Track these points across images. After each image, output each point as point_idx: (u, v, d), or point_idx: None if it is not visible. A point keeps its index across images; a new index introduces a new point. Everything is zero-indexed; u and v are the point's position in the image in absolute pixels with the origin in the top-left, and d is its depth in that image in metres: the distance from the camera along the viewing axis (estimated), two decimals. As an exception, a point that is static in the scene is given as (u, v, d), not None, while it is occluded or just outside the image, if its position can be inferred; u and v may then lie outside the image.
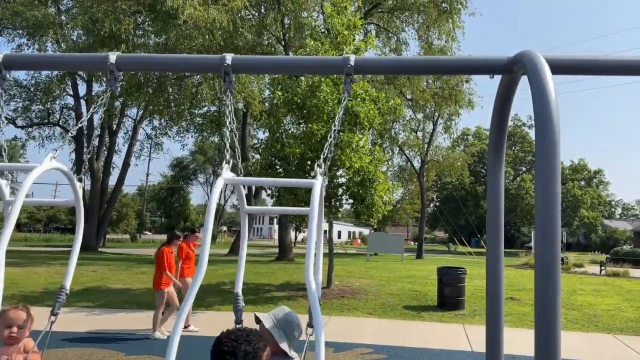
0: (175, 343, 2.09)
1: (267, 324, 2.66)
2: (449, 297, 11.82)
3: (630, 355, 7.90)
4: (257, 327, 2.63)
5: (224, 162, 2.63)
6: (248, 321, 3.40)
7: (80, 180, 2.67)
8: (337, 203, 13.37)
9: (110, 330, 8.50)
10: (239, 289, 2.91)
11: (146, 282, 14.90)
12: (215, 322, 9.27)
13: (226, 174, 2.54)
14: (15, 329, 2.78)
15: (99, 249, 31.00)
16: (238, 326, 2.31)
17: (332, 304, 11.96)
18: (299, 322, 2.76)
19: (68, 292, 2.69)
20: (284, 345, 2.63)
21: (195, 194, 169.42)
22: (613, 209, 78.51)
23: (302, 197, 12.57)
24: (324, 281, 14.44)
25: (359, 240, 71.58)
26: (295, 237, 60.26)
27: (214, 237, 55.86)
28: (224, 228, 78.12)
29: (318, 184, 2.49)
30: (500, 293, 3.03)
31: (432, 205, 62.26)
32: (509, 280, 17.47)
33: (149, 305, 11.18)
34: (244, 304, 2.91)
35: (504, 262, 3.13)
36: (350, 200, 13.81)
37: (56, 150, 2.36)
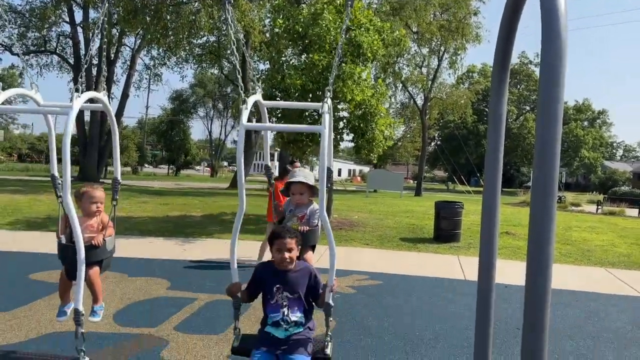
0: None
1: (299, 178, 3.86)
2: (445, 230, 12.00)
3: (620, 287, 8.10)
4: None
5: (241, 104, 3.00)
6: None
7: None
8: (338, 137, 13.27)
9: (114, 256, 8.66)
10: (268, 161, 3.73)
11: (148, 211, 15.10)
12: (213, 250, 9.46)
13: (245, 118, 2.92)
14: (100, 205, 3.50)
15: (100, 180, 31.20)
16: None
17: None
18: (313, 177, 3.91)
19: (120, 181, 3.67)
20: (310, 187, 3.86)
21: (196, 129, 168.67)
22: (614, 151, 78.40)
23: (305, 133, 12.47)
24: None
25: (358, 178, 71.96)
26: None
27: (214, 172, 56.22)
28: (225, 163, 78.36)
29: (326, 106, 2.96)
30: (495, 224, 3.03)
31: (433, 144, 62.07)
32: (505, 217, 17.69)
33: (150, 233, 11.38)
34: (273, 171, 3.44)
35: (500, 191, 3.09)
36: (351, 135, 13.73)
37: (78, 90, 2.89)
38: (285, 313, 2.96)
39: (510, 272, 8.32)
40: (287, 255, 2.92)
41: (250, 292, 3.12)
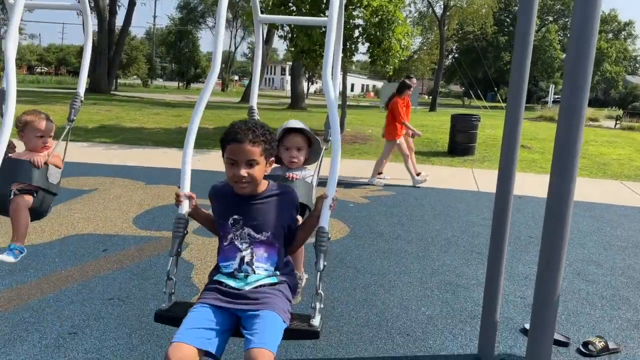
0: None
1: (299, 125, 2.83)
2: (460, 143, 11.89)
3: (635, 199, 8.09)
4: None
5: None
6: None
7: None
8: (353, 46, 12.84)
9: (128, 164, 8.77)
10: (253, 102, 2.92)
11: (160, 122, 15.12)
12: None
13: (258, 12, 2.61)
14: (48, 140, 2.88)
15: (111, 92, 31.02)
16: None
17: (344, 149, 12.13)
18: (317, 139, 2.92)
19: (82, 99, 2.85)
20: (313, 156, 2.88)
21: (205, 40, 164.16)
22: (638, 65, 75.49)
23: (317, 38, 12.05)
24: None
25: (372, 94, 70.78)
26: (308, 89, 59.60)
27: (224, 86, 55.46)
28: (235, 77, 77.14)
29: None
30: (516, 137, 2.95)
31: (450, 57, 60.10)
32: (522, 130, 17.41)
33: (164, 143, 11.45)
34: (258, 115, 3.01)
35: (524, 105, 2.97)
36: (366, 44, 13.26)
37: None
38: (246, 260, 2.02)
39: (525, 184, 8.33)
40: (244, 172, 1.96)
41: (204, 214, 2.26)
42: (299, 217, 2.38)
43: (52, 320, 3.25)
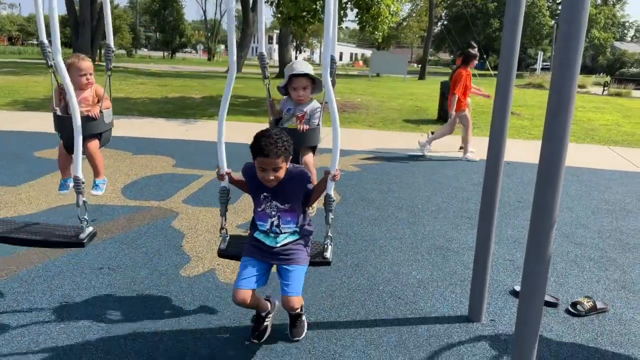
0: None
1: (304, 69, 3.32)
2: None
3: (622, 163, 8.16)
4: None
5: None
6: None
7: None
8: (341, 12, 12.63)
9: (114, 134, 8.62)
10: (263, 49, 3.19)
11: (146, 92, 14.87)
12: (216, 131, 9.41)
13: None
14: (90, 76, 3.39)
15: (96, 63, 30.40)
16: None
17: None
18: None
19: (114, 49, 3.28)
20: (319, 82, 3.30)
21: (189, 8, 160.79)
22: (626, 31, 75.29)
23: (304, 4, 11.82)
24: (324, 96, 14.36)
25: (360, 62, 70.03)
26: (296, 57, 58.77)
27: (211, 55, 54.58)
28: (222, 46, 75.84)
29: None
30: (507, 107, 2.92)
31: (439, 24, 59.46)
32: (514, 98, 17.41)
33: (150, 113, 11.27)
34: (268, 61, 3.29)
35: (515, 73, 2.93)
36: (355, 10, 13.04)
37: None
38: (275, 224, 2.64)
39: (514, 150, 8.35)
40: (272, 176, 2.47)
41: (244, 183, 2.78)
42: (311, 156, 3.46)
43: (42, 290, 3.23)
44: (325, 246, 2.83)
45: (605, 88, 24.78)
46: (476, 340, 2.88)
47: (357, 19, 12.98)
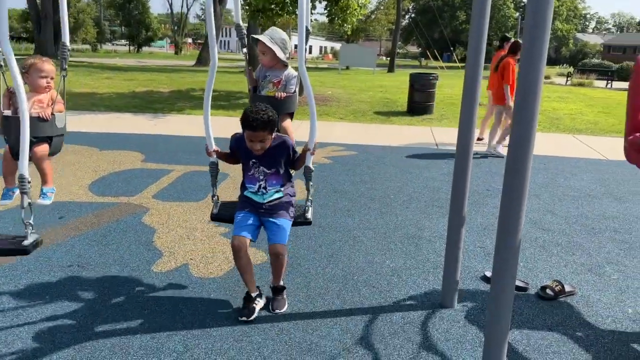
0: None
1: (266, 41, 3.27)
2: (418, 102, 11.96)
3: (586, 151, 8.40)
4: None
5: None
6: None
7: None
8: (310, 4, 12.56)
9: (80, 130, 8.42)
10: (239, 19, 3.18)
11: (112, 87, 14.53)
12: (188, 125, 9.28)
13: None
14: (50, 80, 3.18)
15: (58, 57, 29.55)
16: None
17: (305, 110, 11.98)
18: (284, 35, 3.40)
19: (69, 48, 3.10)
20: (282, 55, 3.31)
21: (155, 1, 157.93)
22: (587, 23, 77.33)
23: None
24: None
25: (330, 56, 69.90)
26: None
27: (177, 49, 53.71)
28: (189, 40, 74.76)
29: None
30: (476, 96, 2.96)
31: (407, 17, 59.86)
32: (483, 90, 17.69)
33: (117, 108, 11.03)
34: (246, 32, 3.24)
35: (482, 64, 2.97)
36: (324, 3, 13.00)
37: None
38: (262, 186, 2.96)
39: (486, 140, 8.49)
40: (259, 146, 2.82)
41: (229, 155, 3.11)
42: (290, 122, 3.54)
43: (9, 289, 3.14)
44: (307, 208, 3.15)
45: (569, 78, 25.41)
46: (449, 325, 2.93)
47: (326, 11, 12.96)
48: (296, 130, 3.45)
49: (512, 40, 8.20)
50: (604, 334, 2.92)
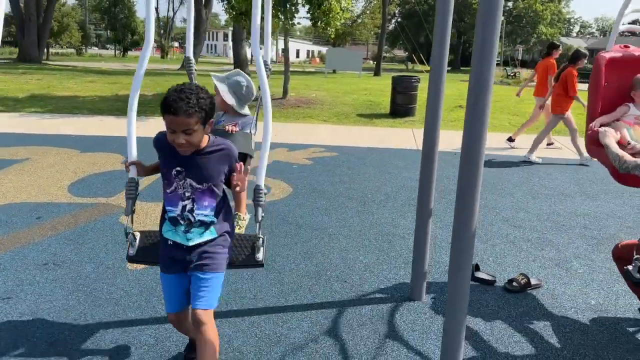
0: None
1: (217, 83, 2.98)
2: (401, 104, 12.10)
3: (562, 151, 8.58)
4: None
5: None
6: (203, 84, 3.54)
7: None
8: (293, 8, 12.66)
9: (62, 133, 8.42)
10: (190, 53, 2.91)
11: (96, 90, 14.50)
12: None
13: None
14: None
15: (43, 61, 29.35)
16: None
17: (288, 113, 12.09)
18: (247, 84, 3.04)
19: None
20: (231, 101, 2.98)
21: (141, 4, 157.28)
22: (571, 27, 78.33)
23: None
24: (280, 92, 14.39)
25: (317, 59, 70.11)
26: (252, 54, 58.17)
27: (164, 53, 53.53)
28: (175, 44, 74.55)
29: None
30: (440, 98, 3.08)
31: (393, 21, 60.25)
32: (460, 92, 17.90)
33: (100, 111, 11.02)
34: (196, 68, 2.97)
35: (446, 70, 3.10)
36: (307, 6, 13.10)
37: None
38: (188, 208, 2.13)
39: (458, 141, 8.61)
40: (182, 139, 2.01)
41: (154, 169, 2.41)
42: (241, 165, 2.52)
43: (-17, 288, 3.16)
44: (257, 246, 2.39)
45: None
46: (416, 317, 3.02)
47: (308, 15, 13.06)
48: (279, 132, 3.36)
49: (574, 49, 8.30)
50: (566, 323, 3.03)
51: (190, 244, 2.15)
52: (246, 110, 3.02)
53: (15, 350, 2.54)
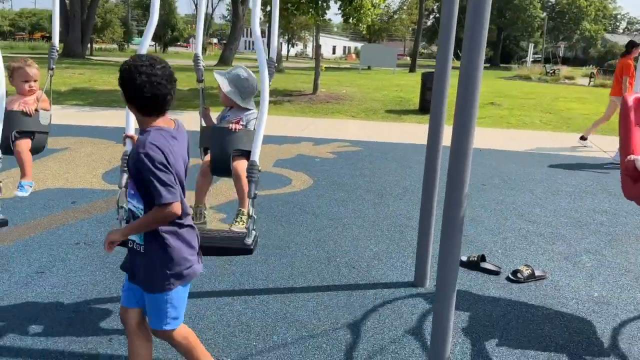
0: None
1: (218, 79, 3.02)
2: (429, 101, 12.02)
3: (589, 148, 8.47)
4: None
5: None
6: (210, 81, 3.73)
7: None
8: (324, 4, 12.83)
9: (99, 125, 8.86)
10: (198, 50, 3.10)
11: (135, 86, 15.01)
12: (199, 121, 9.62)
13: None
14: (33, 84, 3.28)
15: (86, 57, 30.46)
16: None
17: (317, 108, 12.28)
18: (247, 76, 3.07)
19: (57, 49, 3.26)
20: (235, 97, 3.02)
21: (181, 1, 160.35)
22: (618, 23, 75.62)
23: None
24: (310, 88, 14.60)
25: (353, 56, 70.08)
26: (288, 51, 58.73)
27: (204, 49, 54.59)
28: (214, 40, 75.71)
29: None
30: (443, 95, 3.19)
31: (431, 16, 59.58)
32: (495, 89, 17.72)
33: (137, 105, 11.45)
34: (203, 64, 3.15)
35: (450, 67, 3.19)
36: (338, 3, 13.25)
37: None
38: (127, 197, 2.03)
39: (489, 138, 8.64)
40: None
41: None
42: (245, 163, 2.72)
43: (20, 263, 3.47)
44: (249, 229, 2.36)
45: (592, 79, 25.10)
46: (417, 301, 3.16)
47: (340, 11, 13.20)
48: (307, 127, 3.52)
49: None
50: (565, 312, 3.11)
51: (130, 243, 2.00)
52: (251, 105, 3.11)
53: (45, 317, 2.81)
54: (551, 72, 28.32)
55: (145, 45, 2.63)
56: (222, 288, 3.21)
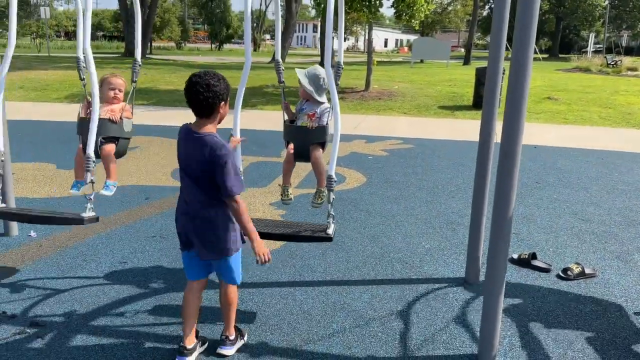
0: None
1: (299, 76, 3.47)
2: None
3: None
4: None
5: None
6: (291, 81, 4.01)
7: None
8: (377, 2, 12.94)
9: (165, 124, 9.40)
10: (278, 56, 3.47)
11: (194, 85, 15.66)
12: (258, 119, 10.03)
13: None
14: (118, 92, 3.62)
15: (147, 55, 31.75)
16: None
17: (369, 105, 12.45)
18: (323, 75, 3.48)
19: (140, 64, 3.71)
20: (311, 91, 3.45)
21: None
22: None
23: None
24: (362, 85, 14.75)
25: (405, 49, 69.31)
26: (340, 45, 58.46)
27: (256, 45, 55.55)
28: (267, 36, 76.76)
29: None
30: (495, 93, 3.31)
31: (487, 7, 58.06)
32: (552, 82, 17.27)
33: (197, 104, 12.00)
34: (283, 68, 3.50)
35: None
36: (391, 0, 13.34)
37: None
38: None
39: (545, 134, 8.56)
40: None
41: None
42: (321, 152, 3.41)
43: (105, 253, 3.89)
44: (328, 223, 3.08)
45: (658, 70, 23.90)
46: (468, 296, 3.33)
47: (393, 7, 13.28)
48: (359, 125, 3.78)
49: None
50: (613, 309, 3.20)
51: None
52: (324, 99, 3.50)
53: (131, 300, 3.19)
54: (612, 63, 27.13)
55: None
56: (284, 279, 3.50)
